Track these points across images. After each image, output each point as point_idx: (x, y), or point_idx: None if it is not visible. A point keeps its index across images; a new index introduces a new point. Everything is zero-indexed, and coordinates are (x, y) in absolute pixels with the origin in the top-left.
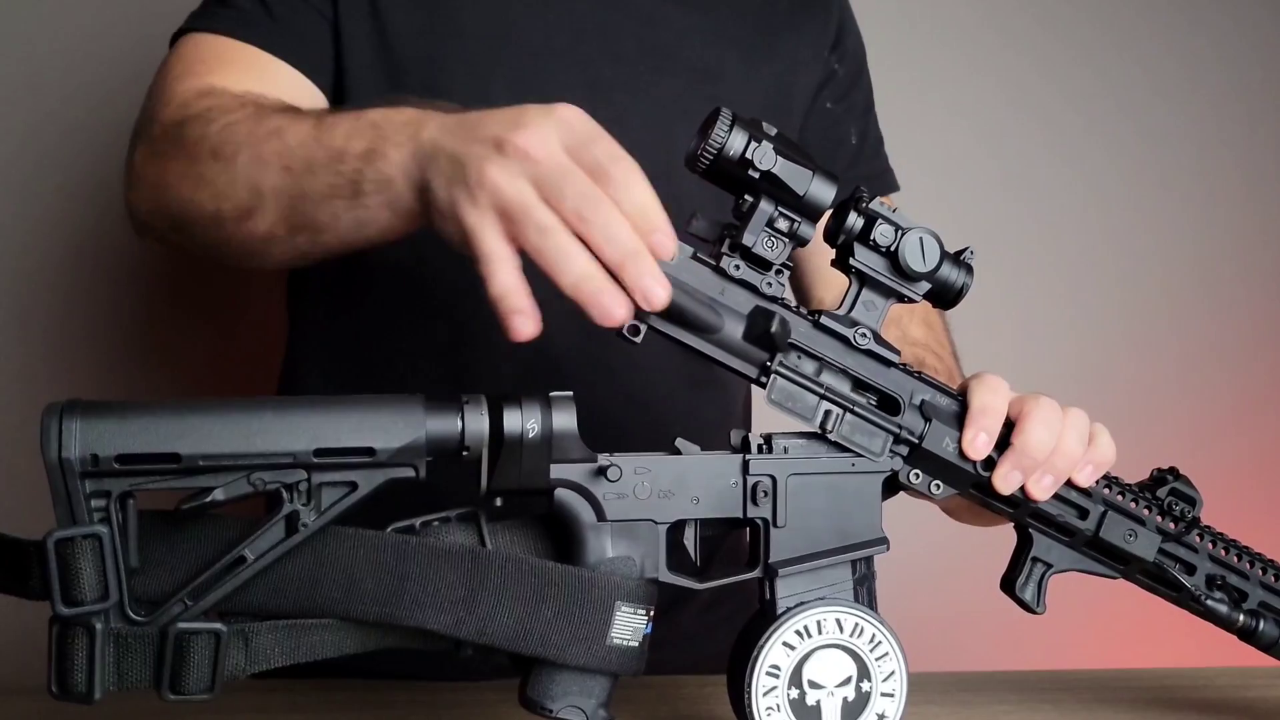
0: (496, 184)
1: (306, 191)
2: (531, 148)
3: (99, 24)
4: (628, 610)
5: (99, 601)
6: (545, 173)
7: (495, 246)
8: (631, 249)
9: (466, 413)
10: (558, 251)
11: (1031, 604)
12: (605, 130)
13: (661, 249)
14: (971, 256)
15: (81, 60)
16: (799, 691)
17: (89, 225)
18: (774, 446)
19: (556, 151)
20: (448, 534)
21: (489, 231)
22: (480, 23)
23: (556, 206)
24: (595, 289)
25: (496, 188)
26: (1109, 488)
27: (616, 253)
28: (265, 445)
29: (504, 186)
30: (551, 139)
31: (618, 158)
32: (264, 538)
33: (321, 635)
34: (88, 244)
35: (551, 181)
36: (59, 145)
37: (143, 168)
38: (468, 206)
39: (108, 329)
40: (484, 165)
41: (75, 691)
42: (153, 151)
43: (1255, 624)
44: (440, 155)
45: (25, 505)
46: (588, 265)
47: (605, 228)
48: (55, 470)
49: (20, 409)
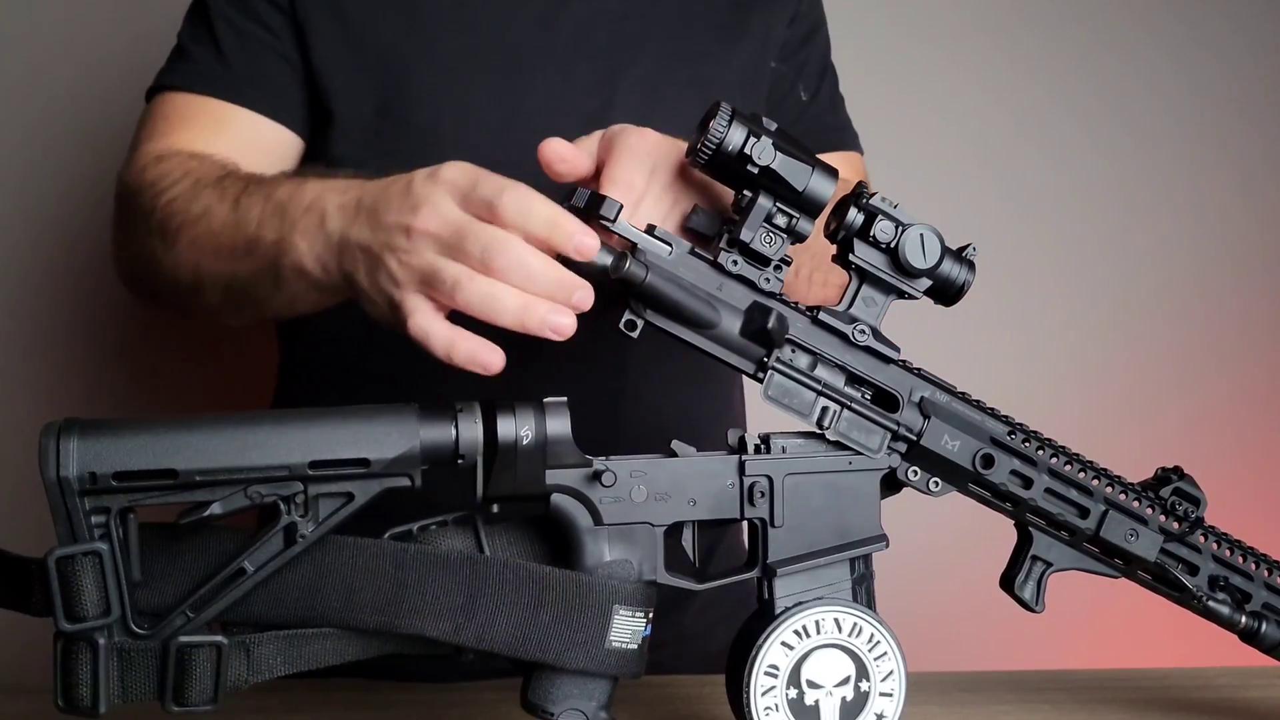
0: (412, 267)
1: (237, 275)
2: (431, 225)
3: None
4: (626, 613)
5: (101, 617)
6: (448, 238)
7: (428, 324)
8: (545, 279)
9: (460, 421)
10: (484, 301)
11: (1031, 603)
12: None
13: (585, 250)
14: (974, 253)
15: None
16: (797, 691)
17: (86, 240)
18: (771, 446)
19: (451, 214)
20: (445, 539)
21: (420, 312)
22: (455, 28)
23: (468, 264)
24: (539, 317)
25: (413, 271)
26: (1111, 486)
27: (534, 287)
28: (261, 459)
29: (420, 267)
30: (444, 205)
31: (503, 188)
32: (263, 549)
33: (322, 644)
34: (86, 263)
35: (455, 244)
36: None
37: (115, 234)
38: (393, 291)
39: (107, 346)
40: (396, 254)
41: (80, 706)
42: (120, 218)
43: (1258, 626)
44: (351, 248)
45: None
46: (518, 299)
47: (519, 266)
48: (54, 489)
49: (20, 427)
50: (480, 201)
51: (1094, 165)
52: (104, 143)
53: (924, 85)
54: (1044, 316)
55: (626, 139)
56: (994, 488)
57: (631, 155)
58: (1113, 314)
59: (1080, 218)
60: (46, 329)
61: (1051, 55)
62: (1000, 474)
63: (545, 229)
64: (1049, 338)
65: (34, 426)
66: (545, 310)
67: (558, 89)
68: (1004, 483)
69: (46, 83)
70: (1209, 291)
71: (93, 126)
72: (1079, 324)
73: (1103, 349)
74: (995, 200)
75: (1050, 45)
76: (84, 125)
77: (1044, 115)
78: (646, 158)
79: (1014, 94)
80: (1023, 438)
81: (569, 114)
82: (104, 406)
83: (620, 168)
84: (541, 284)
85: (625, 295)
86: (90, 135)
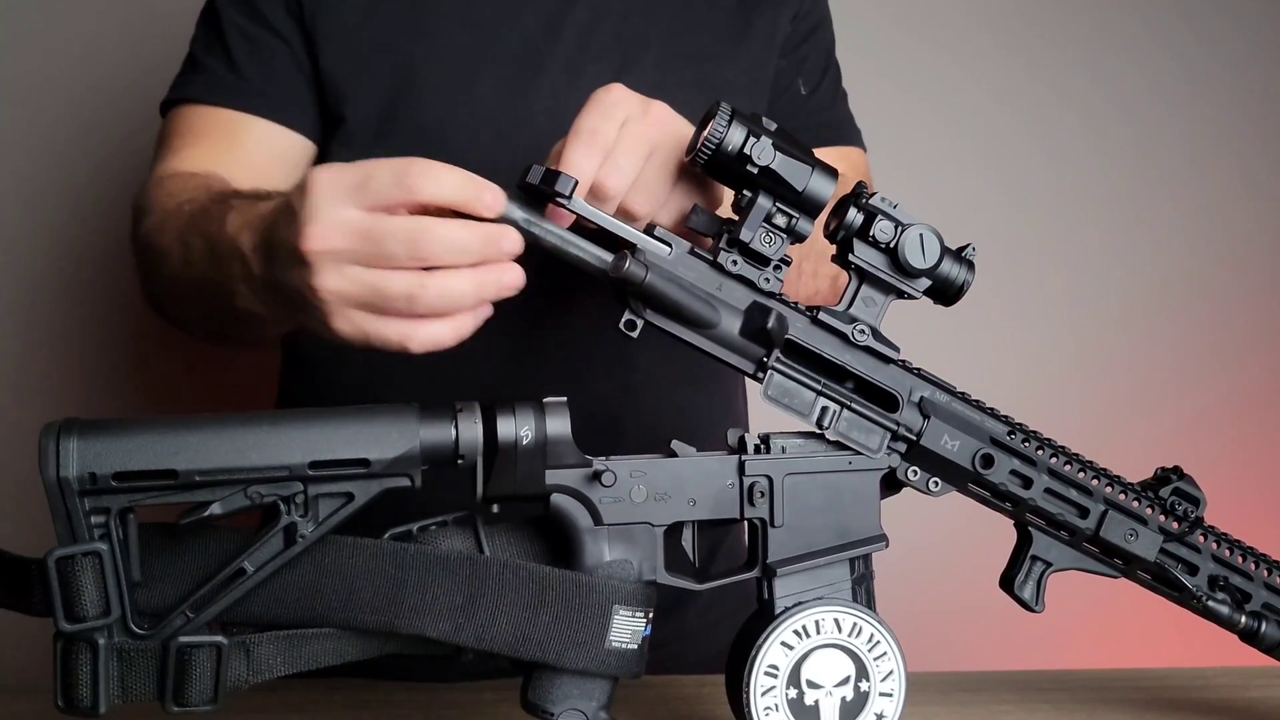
0: (332, 293)
1: (210, 311)
2: (325, 240)
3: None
4: (626, 613)
5: (101, 617)
6: (360, 247)
7: (380, 333)
8: (475, 244)
9: (460, 421)
10: (443, 300)
11: (1030, 602)
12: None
13: (494, 204)
14: (974, 253)
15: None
16: (797, 691)
17: (89, 243)
18: (771, 446)
19: (350, 220)
20: (445, 539)
21: (371, 331)
22: (461, 30)
23: (395, 267)
24: (494, 288)
25: (336, 296)
26: (1111, 486)
27: (469, 257)
28: (260, 459)
29: (340, 290)
30: (333, 214)
31: (397, 171)
32: (263, 549)
33: (322, 644)
34: (86, 262)
35: (374, 251)
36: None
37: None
38: (338, 325)
39: (108, 346)
40: (310, 288)
41: (80, 706)
42: (134, 241)
43: (1258, 626)
44: (279, 290)
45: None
46: (469, 280)
47: (448, 245)
48: (54, 489)
49: (20, 427)
50: (378, 194)
51: (1094, 165)
52: (105, 142)
53: (924, 84)
54: (1044, 316)
55: (595, 93)
56: (994, 488)
57: (597, 105)
58: (1113, 314)
59: (1080, 218)
60: (47, 329)
61: (1053, 54)
62: (1000, 474)
63: (461, 195)
64: (1049, 337)
65: (34, 426)
66: (495, 277)
67: (564, 90)
68: (1004, 483)
69: (48, 83)
70: (1209, 291)
71: (96, 125)
72: (1079, 324)
73: (1102, 349)
74: (995, 200)
75: (1051, 45)
76: (86, 124)
77: (1044, 115)
78: (614, 108)
79: (1014, 93)
80: (1022, 438)
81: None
82: (104, 407)
83: (584, 117)
84: (476, 251)
85: (625, 295)
86: (92, 134)
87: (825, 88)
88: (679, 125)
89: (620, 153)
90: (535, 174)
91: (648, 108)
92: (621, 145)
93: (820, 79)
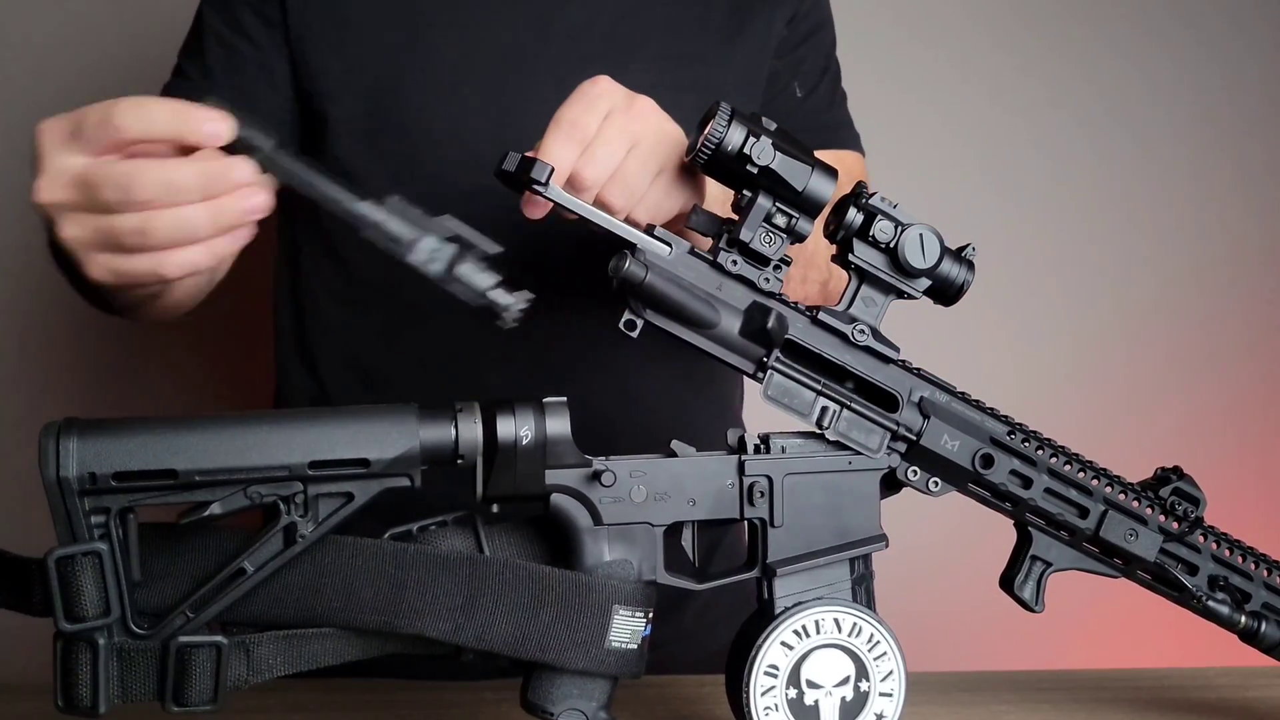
0: (73, 240)
1: (83, 287)
2: (51, 192)
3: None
4: (625, 613)
5: (101, 617)
6: (79, 198)
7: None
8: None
9: (460, 421)
10: (176, 232)
11: (1030, 602)
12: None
13: (216, 134)
14: (973, 253)
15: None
16: (797, 691)
17: None
18: (771, 446)
19: (71, 168)
20: (445, 539)
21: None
22: (449, 30)
23: (122, 209)
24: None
25: (78, 243)
26: (1110, 486)
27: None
28: (260, 459)
29: (79, 237)
30: (56, 165)
31: (104, 113)
32: (263, 549)
33: (322, 644)
34: None
35: (92, 198)
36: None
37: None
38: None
39: (107, 346)
40: (61, 239)
41: (81, 706)
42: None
43: (1257, 625)
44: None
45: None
46: (205, 211)
47: (163, 186)
48: (54, 489)
49: (20, 427)
50: (93, 138)
51: (1094, 165)
52: None
53: (924, 85)
54: (1043, 316)
55: (581, 85)
56: (994, 487)
57: (581, 96)
58: (1112, 314)
59: (1080, 218)
60: (47, 329)
61: (1052, 55)
62: (1000, 474)
63: (173, 129)
64: (1049, 338)
65: (34, 426)
66: (233, 204)
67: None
68: (1004, 482)
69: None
70: (1209, 291)
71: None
72: (1079, 324)
73: (1102, 349)
74: (995, 200)
75: (1051, 45)
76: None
77: (1044, 115)
78: (598, 100)
79: (1014, 94)
80: (1022, 438)
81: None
82: (104, 407)
83: (567, 107)
84: (196, 188)
85: (625, 295)
86: None
87: (823, 90)
88: (663, 121)
89: (600, 144)
90: (511, 161)
91: (632, 101)
92: (602, 137)
93: (817, 81)
